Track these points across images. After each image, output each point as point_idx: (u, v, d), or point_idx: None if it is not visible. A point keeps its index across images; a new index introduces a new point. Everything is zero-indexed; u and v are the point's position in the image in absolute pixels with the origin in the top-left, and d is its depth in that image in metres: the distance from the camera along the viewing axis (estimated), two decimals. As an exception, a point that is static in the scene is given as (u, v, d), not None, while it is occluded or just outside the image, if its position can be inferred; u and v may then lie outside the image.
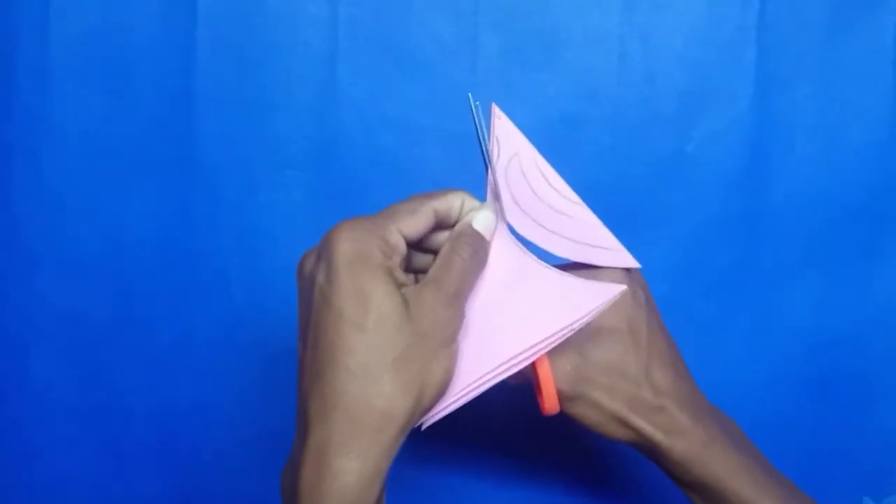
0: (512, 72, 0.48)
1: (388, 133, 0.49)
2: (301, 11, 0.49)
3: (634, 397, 0.36)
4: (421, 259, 0.37)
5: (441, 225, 0.35)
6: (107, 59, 0.50)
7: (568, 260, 0.38)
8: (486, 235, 0.35)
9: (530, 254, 0.37)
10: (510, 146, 0.37)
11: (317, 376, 0.30)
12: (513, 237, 0.37)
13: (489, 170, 0.37)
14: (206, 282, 0.50)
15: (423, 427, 0.32)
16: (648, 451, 0.38)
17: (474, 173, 0.37)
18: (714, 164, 0.49)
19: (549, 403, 0.36)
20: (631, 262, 0.38)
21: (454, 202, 0.35)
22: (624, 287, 0.36)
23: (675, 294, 0.49)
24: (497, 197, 0.37)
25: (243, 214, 0.50)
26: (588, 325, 0.35)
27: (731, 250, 0.49)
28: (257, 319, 0.50)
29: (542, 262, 0.37)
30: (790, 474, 0.41)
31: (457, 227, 0.35)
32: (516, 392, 0.48)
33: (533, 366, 0.36)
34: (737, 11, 0.48)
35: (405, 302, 0.31)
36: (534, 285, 0.36)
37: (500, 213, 0.37)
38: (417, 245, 0.35)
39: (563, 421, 0.37)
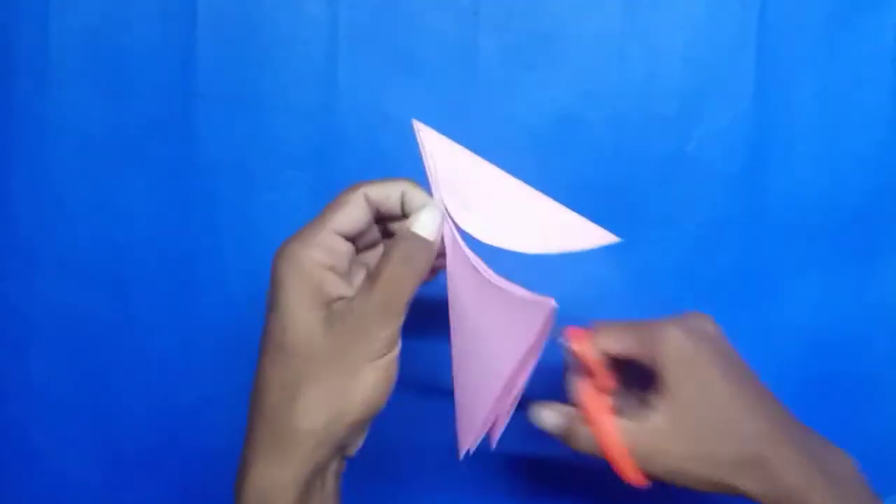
0: (512, 72, 0.48)
1: (388, 133, 0.49)
2: (301, 11, 0.49)
3: (721, 458, 0.35)
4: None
5: (386, 216, 0.34)
6: (106, 59, 0.50)
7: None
8: (428, 237, 0.32)
9: (481, 270, 0.34)
10: (443, 155, 0.34)
11: (254, 390, 0.33)
12: (466, 252, 0.34)
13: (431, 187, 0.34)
14: (206, 282, 0.50)
15: (459, 458, 0.35)
16: (752, 498, 0.36)
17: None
18: (714, 164, 0.49)
19: (637, 482, 0.36)
20: (605, 235, 0.35)
21: (391, 191, 0.34)
22: (551, 302, 0.34)
23: (674, 294, 0.49)
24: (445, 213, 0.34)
25: (243, 214, 0.50)
26: (662, 395, 0.35)
27: (731, 250, 0.49)
28: (257, 319, 0.50)
29: (491, 277, 0.34)
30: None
31: (396, 230, 0.34)
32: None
33: (604, 448, 0.36)
34: (737, 11, 0.48)
35: (328, 319, 0.31)
36: (491, 307, 0.34)
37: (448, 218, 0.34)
38: (369, 236, 0.35)
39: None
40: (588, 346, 0.38)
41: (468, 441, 0.37)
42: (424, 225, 0.33)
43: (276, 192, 0.49)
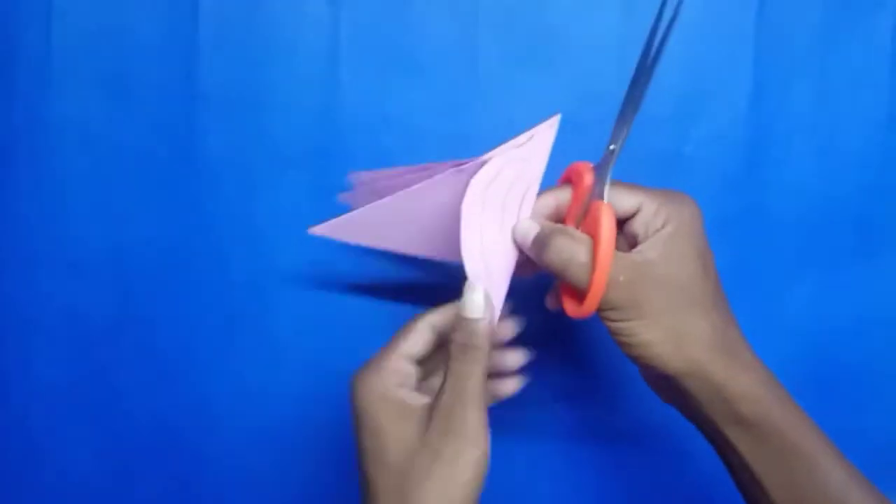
0: (512, 72, 0.49)
1: (388, 133, 0.49)
2: (302, 12, 0.49)
3: (696, 324, 0.35)
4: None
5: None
6: (108, 60, 0.50)
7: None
8: (476, 316, 0.35)
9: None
10: (533, 152, 0.38)
11: (367, 499, 0.35)
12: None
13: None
14: (206, 281, 0.50)
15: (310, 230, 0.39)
16: (697, 388, 0.35)
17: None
18: (712, 165, 0.49)
19: (591, 301, 0.34)
20: (550, 123, 0.38)
21: (449, 313, 0.37)
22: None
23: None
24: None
25: (244, 214, 0.50)
26: (655, 245, 0.35)
27: (729, 250, 0.49)
28: (257, 319, 0.51)
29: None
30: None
31: (455, 326, 0.36)
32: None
33: (592, 266, 0.34)
34: (735, 12, 0.48)
35: (419, 423, 0.35)
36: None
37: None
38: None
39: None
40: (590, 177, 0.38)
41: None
42: (469, 306, 0.35)
43: (277, 192, 0.50)
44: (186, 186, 0.50)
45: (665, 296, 0.35)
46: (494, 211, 0.37)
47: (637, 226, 0.37)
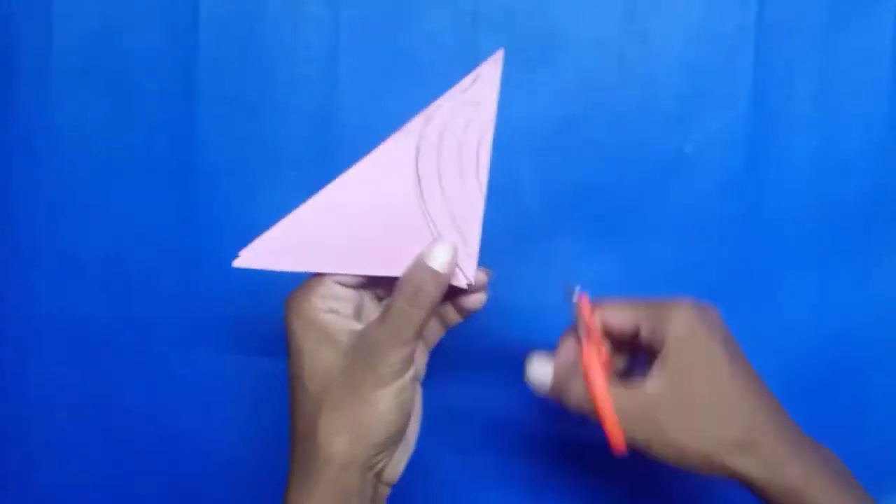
0: (512, 72, 0.48)
1: (388, 133, 0.49)
2: (302, 13, 0.49)
3: (720, 435, 0.35)
4: None
5: None
6: (108, 60, 0.50)
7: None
8: (439, 269, 0.35)
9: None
10: (481, 93, 0.36)
11: (289, 428, 0.36)
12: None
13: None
14: (207, 282, 0.50)
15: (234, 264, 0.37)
16: (749, 486, 0.36)
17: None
18: (713, 165, 0.49)
19: (616, 446, 0.36)
20: (494, 59, 0.37)
21: None
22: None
23: (674, 294, 0.49)
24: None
25: (243, 214, 0.50)
26: (662, 368, 0.35)
27: (730, 250, 0.49)
28: (257, 319, 0.51)
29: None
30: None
31: (411, 265, 0.35)
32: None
33: (595, 403, 0.36)
34: (735, 12, 0.48)
35: (340, 353, 0.34)
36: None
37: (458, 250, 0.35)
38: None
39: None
40: (590, 312, 0.38)
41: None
42: (436, 257, 0.35)
43: (277, 192, 0.49)
44: (186, 186, 0.50)
45: (681, 417, 0.35)
46: (451, 161, 0.36)
47: (645, 341, 0.38)
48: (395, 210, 0.36)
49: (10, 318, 0.51)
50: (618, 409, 0.36)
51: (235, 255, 0.50)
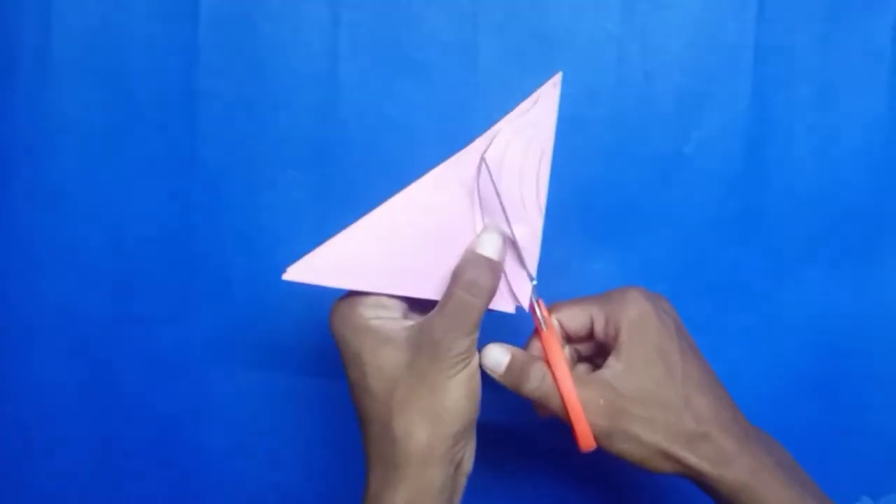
0: (512, 72, 0.49)
1: (388, 133, 0.49)
2: (302, 12, 0.49)
3: (675, 427, 0.35)
4: None
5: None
6: (108, 59, 0.50)
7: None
8: (492, 256, 0.35)
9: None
10: (540, 115, 0.37)
11: (361, 432, 0.36)
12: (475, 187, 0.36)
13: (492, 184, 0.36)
14: (206, 282, 0.50)
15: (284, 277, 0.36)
16: (698, 482, 0.36)
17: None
18: (712, 165, 0.49)
19: (584, 440, 0.35)
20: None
21: None
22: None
23: (674, 294, 0.49)
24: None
25: (244, 214, 0.50)
26: (618, 356, 0.35)
27: (730, 250, 0.49)
28: (257, 319, 0.51)
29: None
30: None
31: (463, 258, 0.35)
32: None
33: (563, 402, 0.35)
34: (735, 12, 0.48)
35: (401, 349, 0.34)
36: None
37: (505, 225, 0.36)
38: None
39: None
40: (547, 314, 0.38)
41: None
42: (485, 245, 0.35)
43: (278, 192, 0.50)
44: (186, 185, 0.50)
45: (638, 407, 0.35)
46: (511, 184, 0.36)
47: (600, 337, 0.38)
48: (450, 232, 0.36)
49: (10, 318, 0.51)
50: (580, 396, 0.35)
51: (235, 255, 0.51)
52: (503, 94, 0.48)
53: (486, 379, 0.36)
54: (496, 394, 0.37)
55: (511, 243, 0.37)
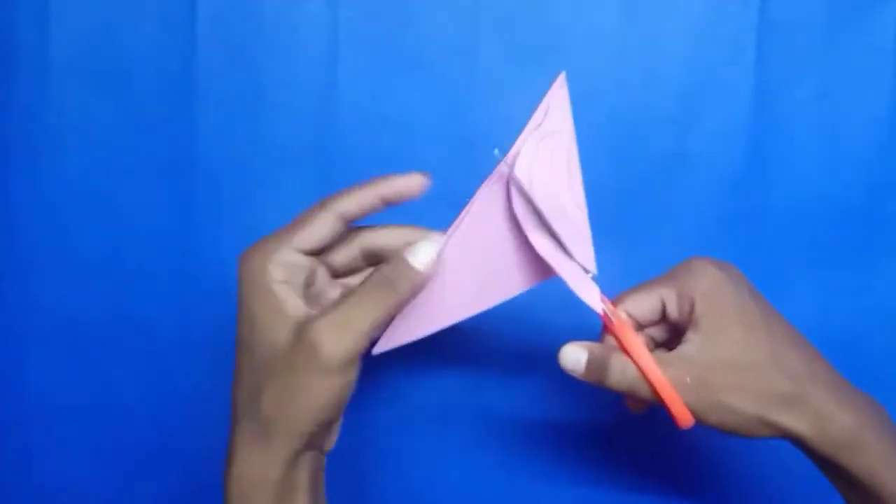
0: (512, 72, 0.49)
1: (388, 133, 0.49)
2: (301, 12, 0.49)
3: (768, 391, 0.33)
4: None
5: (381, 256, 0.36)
6: (107, 58, 0.50)
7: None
8: (419, 267, 0.33)
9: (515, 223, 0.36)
10: (556, 120, 0.36)
11: (233, 384, 0.35)
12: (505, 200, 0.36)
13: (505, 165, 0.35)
14: (206, 282, 0.50)
15: (374, 353, 0.34)
16: (799, 444, 0.34)
17: (474, 173, 0.37)
18: (714, 165, 0.49)
19: (683, 419, 0.34)
20: (558, 83, 0.37)
21: (364, 204, 0.35)
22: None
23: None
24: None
25: (243, 214, 0.50)
26: (696, 329, 0.34)
27: (731, 250, 0.49)
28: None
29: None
30: (789, 473, 0.40)
31: (389, 258, 0.34)
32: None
33: (651, 387, 0.34)
34: (737, 12, 0.48)
35: (290, 329, 0.32)
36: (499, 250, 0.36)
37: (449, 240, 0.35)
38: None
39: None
40: (613, 309, 0.37)
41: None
42: (418, 254, 0.33)
43: (277, 192, 0.50)
44: (185, 185, 0.50)
45: (726, 376, 0.34)
46: (546, 193, 0.36)
47: (674, 318, 0.36)
48: (496, 256, 0.36)
49: (9, 318, 0.51)
50: (677, 386, 0.34)
51: (235, 255, 0.51)
52: (503, 94, 0.49)
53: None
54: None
55: (563, 250, 0.36)
